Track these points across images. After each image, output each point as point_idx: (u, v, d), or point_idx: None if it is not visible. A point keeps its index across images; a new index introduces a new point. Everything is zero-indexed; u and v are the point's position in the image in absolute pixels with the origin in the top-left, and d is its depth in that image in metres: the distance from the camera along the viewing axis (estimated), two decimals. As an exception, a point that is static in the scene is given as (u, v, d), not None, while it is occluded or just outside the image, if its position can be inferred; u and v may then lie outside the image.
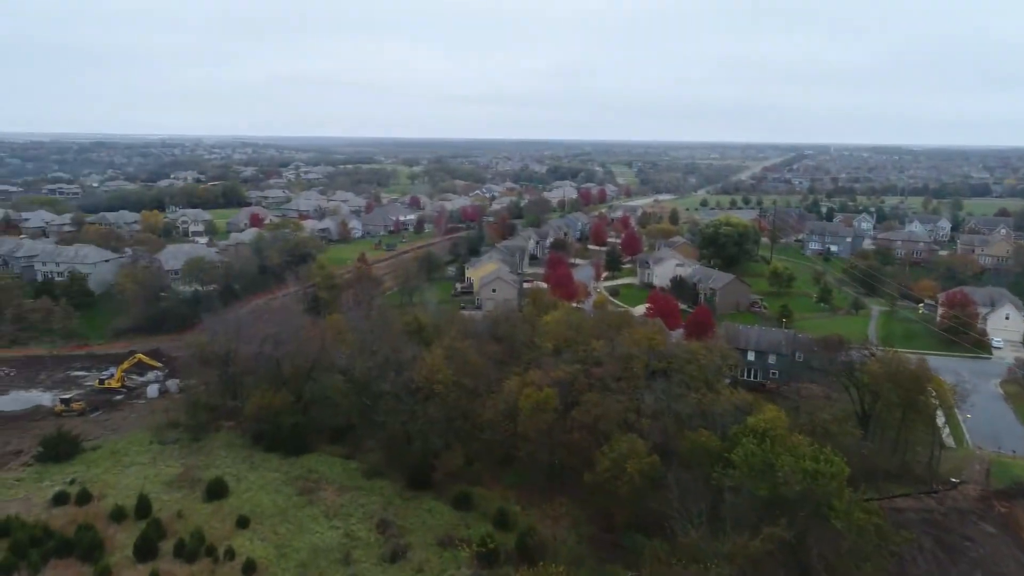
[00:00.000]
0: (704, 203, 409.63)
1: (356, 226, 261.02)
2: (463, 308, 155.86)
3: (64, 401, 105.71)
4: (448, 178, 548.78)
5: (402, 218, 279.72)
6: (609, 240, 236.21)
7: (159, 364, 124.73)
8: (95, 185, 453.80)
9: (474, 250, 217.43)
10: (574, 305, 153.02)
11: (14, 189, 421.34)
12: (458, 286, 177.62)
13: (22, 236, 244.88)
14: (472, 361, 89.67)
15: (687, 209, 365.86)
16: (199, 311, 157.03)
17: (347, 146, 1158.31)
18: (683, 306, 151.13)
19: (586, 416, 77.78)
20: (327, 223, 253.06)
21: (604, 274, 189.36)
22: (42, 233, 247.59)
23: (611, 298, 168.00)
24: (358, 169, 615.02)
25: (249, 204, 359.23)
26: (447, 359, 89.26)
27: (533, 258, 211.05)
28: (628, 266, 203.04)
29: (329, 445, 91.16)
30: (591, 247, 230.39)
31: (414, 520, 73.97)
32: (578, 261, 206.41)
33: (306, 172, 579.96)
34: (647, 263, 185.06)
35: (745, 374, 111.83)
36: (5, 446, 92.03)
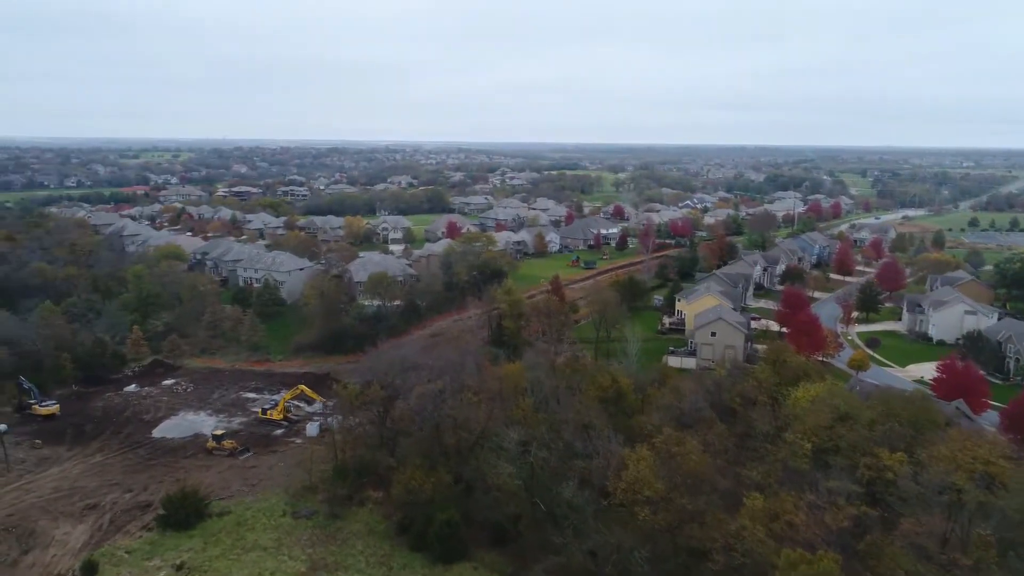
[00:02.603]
0: (973, 223, 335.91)
1: (553, 239, 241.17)
2: (672, 352, 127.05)
3: (216, 438, 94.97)
4: (655, 186, 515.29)
5: (604, 231, 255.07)
6: (857, 269, 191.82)
7: (321, 398, 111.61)
8: (322, 188, 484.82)
9: (686, 274, 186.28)
10: (820, 358, 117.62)
11: (254, 190, 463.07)
12: (666, 320, 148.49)
13: (243, 237, 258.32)
14: (693, 466, 61.68)
15: (949, 230, 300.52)
16: (378, 331, 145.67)
17: (555, 152, 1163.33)
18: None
19: (889, 603, 46.69)
20: (523, 235, 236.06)
21: (854, 314, 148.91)
22: (259, 235, 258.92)
23: (868, 351, 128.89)
24: (562, 175, 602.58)
25: (452, 210, 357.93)
26: (657, 458, 62.29)
27: (758, 287, 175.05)
28: (887, 305, 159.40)
29: (489, 550, 68.52)
30: (833, 276, 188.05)
31: None
32: (818, 295, 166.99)
33: (511, 178, 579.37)
34: (918, 305, 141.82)
35: None
36: (141, 492, 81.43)
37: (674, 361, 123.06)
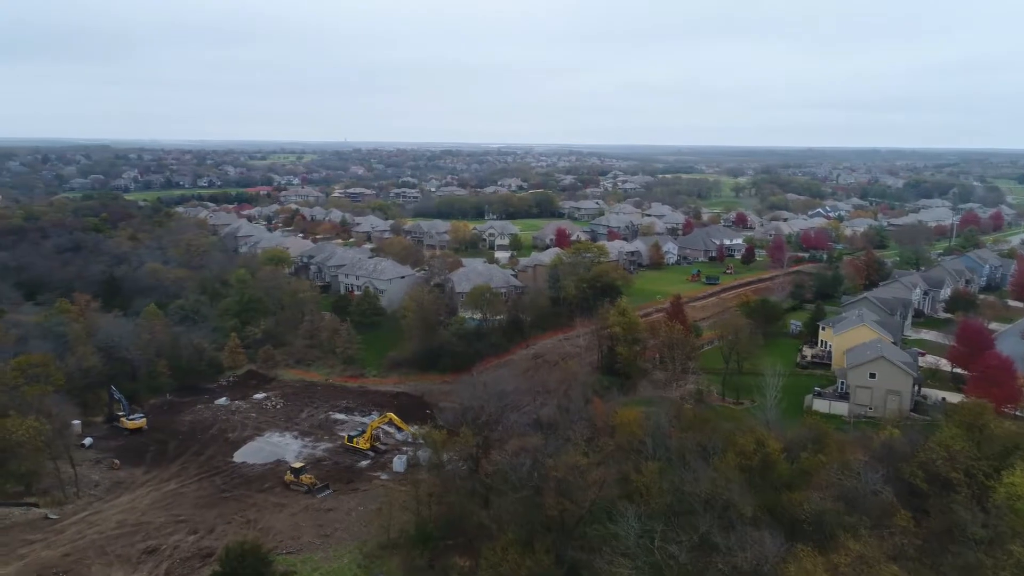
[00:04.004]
0: None
1: (671, 250, 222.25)
2: (817, 393, 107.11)
3: (295, 472, 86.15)
4: (779, 191, 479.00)
5: (727, 242, 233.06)
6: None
7: (411, 428, 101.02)
8: (432, 190, 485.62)
9: (825, 294, 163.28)
10: (1013, 411, 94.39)
11: (368, 192, 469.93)
12: (807, 351, 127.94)
13: (351, 240, 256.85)
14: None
15: None
16: (478, 348, 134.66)
17: (669, 154, 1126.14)
18: None
19: None
20: (637, 244, 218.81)
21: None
22: (367, 238, 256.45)
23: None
24: (677, 179, 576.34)
25: (561, 215, 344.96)
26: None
27: (917, 315, 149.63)
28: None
29: (598, 659, 54.37)
30: (1012, 303, 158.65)
31: None
32: (994, 327, 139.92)
33: (623, 181, 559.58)
34: None
35: None
36: (206, 534, 73.21)
37: (820, 405, 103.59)
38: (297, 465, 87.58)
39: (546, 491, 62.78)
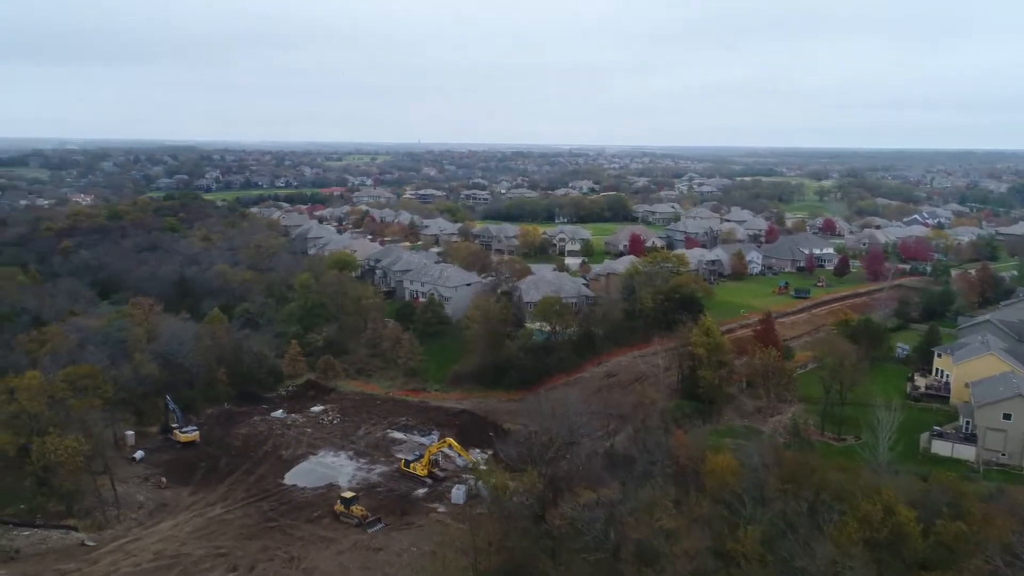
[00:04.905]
0: None
1: (754, 258, 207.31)
2: (937, 433, 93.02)
3: (345, 502, 79.39)
4: (867, 196, 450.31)
5: (816, 251, 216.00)
6: None
7: (470, 456, 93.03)
8: (503, 192, 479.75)
9: (933, 312, 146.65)
10: None
11: (439, 193, 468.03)
12: (919, 380, 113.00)
13: (419, 243, 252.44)
14: None
15: None
16: (546, 364, 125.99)
17: (746, 156, 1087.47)
18: None
19: None
20: (718, 253, 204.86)
21: None
22: (435, 241, 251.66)
23: None
24: (757, 182, 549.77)
25: (635, 219, 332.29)
26: None
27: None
28: None
29: None
30: None
31: None
32: None
33: (699, 184, 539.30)
34: None
35: None
36: (246, 573, 67.03)
37: (941, 447, 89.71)
38: (348, 495, 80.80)
39: (624, 555, 53.30)
